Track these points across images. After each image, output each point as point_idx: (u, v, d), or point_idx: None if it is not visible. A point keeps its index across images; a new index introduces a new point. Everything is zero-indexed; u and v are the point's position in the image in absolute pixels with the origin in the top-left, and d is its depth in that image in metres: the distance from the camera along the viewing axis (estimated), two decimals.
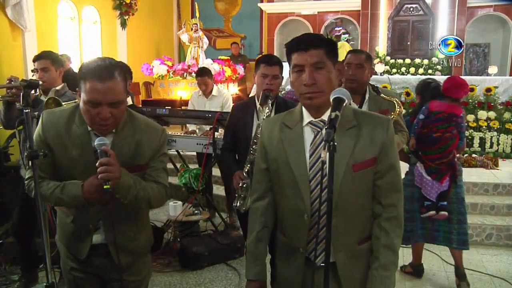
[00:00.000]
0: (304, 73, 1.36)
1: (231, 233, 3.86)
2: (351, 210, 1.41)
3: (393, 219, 1.43)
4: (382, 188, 1.42)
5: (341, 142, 1.35)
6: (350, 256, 1.43)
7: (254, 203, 1.59)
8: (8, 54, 6.10)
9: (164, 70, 7.93)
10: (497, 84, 5.97)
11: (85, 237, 1.66)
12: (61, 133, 1.58)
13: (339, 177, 1.35)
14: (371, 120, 1.42)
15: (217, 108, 4.42)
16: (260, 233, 1.55)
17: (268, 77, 2.40)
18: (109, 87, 1.45)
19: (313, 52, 1.35)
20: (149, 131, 1.66)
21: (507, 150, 5.72)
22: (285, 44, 1.49)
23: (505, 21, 9.64)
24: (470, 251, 3.87)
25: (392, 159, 1.42)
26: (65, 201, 1.58)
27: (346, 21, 10.26)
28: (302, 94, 1.38)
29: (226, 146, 2.65)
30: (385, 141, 1.40)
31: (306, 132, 1.43)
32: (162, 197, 1.69)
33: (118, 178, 1.47)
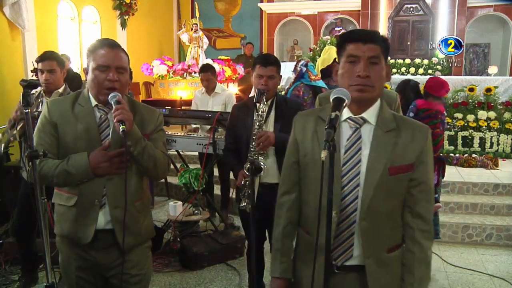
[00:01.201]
0: (358, 65, 1.33)
1: (231, 233, 3.86)
2: (382, 214, 1.37)
3: (426, 232, 1.40)
4: (416, 197, 1.39)
5: (380, 142, 1.35)
6: (379, 263, 1.39)
7: (281, 197, 1.55)
8: (8, 54, 6.10)
9: (164, 70, 7.93)
10: (497, 84, 5.97)
11: (90, 216, 1.67)
12: (66, 111, 1.69)
13: (374, 179, 1.34)
14: (411, 126, 1.40)
15: (220, 105, 4.41)
16: (286, 228, 1.53)
17: (263, 78, 2.41)
18: (117, 53, 1.66)
19: (371, 46, 1.33)
20: (148, 109, 1.83)
21: (507, 150, 5.72)
22: (340, 34, 1.46)
23: (505, 21, 9.65)
24: (470, 251, 3.89)
25: (428, 168, 1.40)
26: (71, 173, 1.61)
27: (346, 21, 10.26)
28: (352, 86, 1.34)
29: (228, 147, 2.66)
30: (424, 149, 1.37)
31: (343, 127, 1.40)
32: (165, 163, 1.80)
33: (132, 120, 1.59)
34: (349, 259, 1.39)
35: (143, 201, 1.81)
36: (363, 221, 1.35)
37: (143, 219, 1.80)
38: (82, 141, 1.66)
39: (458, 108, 5.91)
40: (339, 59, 1.42)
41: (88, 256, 1.72)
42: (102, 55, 1.62)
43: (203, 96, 4.54)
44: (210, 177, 4.52)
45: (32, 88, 1.74)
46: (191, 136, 4.25)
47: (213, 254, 3.54)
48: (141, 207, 1.79)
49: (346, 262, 1.39)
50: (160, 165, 1.74)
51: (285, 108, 2.50)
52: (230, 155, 2.63)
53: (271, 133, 2.39)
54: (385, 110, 1.40)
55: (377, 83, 1.34)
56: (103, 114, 1.70)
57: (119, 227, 1.67)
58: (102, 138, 1.68)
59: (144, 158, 1.66)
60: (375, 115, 1.38)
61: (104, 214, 1.68)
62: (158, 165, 1.72)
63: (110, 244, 1.71)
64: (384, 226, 1.38)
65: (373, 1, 9.69)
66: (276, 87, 2.50)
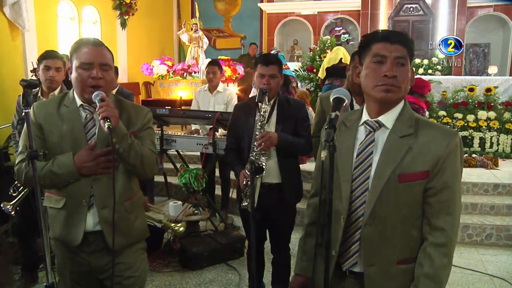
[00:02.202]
0: (384, 65, 1.30)
1: (231, 233, 3.86)
2: (390, 222, 1.31)
3: (441, 247, 1.29)
4: (433, 207, 1.31)
5: (391, 148, 1.32)
6: (384, 273, 1.33)
7: (310, 199, 1.61)
8: (8, 54, 6.10)
9: (164, 70, 7.93)
10: (497, 84, 5.97)
11: (79, 217, 1.66)
12: (52, 112, 1.68)
13: (380, 185, 1.30)
14: (431, 131, 1.32)
15: (221, 104, 4.40)
16: (308, 228, 1.56)
17: (265, 77, 2.41)
18: (100, 51, 1.65)
19: (398, 47, 1.30)
20: (135, 107, 1.82)
21: (507, 150, 5.72)
22: (365, 34, 1.43)
23: (505, 21, 9.65)
24: (470, 251, 3.89)
25: (449, 176, 1.30)
26: (57, 173, 1.61)
27: (346, 21, 10.26)
28: (378, 86, 1.30)
29: (230, 146, 2.66)
30: (443, 155, 1.28)
31: (360, 131, 1.39)
32: (153, 160, 1.77)
33: (117, 117, 1.57)
34: (355, 265, 1.37)
35: (133, 200, 1.79)
36: (366, 227, 1.32)
37: (134, 219, 1.77)
38: (67, 142, 1.65)
39: (458, 108, 5.91)
40: (362, 59, 1.38)
41: (81, 260, 1.72)
42: (85, 53, 1.61)
43: (205, 94, 4.52)
44: (211, 177, 4.51)
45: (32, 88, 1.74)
46: (191, 136, 4.25)
47: (213, 254, 3.53)
48: (131, 207, 1.76)
49: (352, 268, 1.38)
50: (148, 162, 1.71)
51: (287, 108, 2.50)
52: (232, 155, 2.63)
53: (274, 134, 2.38)
54: (407, 113, 1.35)
55: (403, 85, 1.31)
56: (88, 114, 1.69)
57: (107, 227, 1.65)
58: (88, 138, 1.67)
59: (131, 156, 1.64)
60: (393, 119, 1.34)
61: (93, 215, 1.67)
62: (145, 162, 1.69)
63: (101, 247, 1.70)
64: (392, 236, 1.32)
65: (373, 1, 9.69)
66: (278, 86, 2.50)
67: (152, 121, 1.84)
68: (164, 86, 8.03)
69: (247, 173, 2.38)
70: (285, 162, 2.48)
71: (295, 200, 2.60)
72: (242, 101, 2.89)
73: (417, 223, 1.33)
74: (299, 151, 2.53)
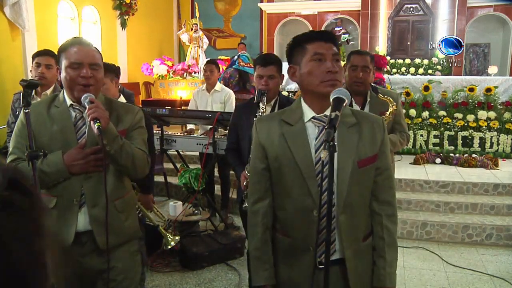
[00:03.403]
0: (324, 62, 1.39)
1: (231, 233, 3.86)
2: (356, 206, 1.44)
3: (392, 216, 1.49)
4: (380, 184, 1.48)
5: (345, 139, 1.40)
6: (356, 252, 1.45)
7: (254, 205, 1.53)
8: (8, 54, 6.11)
9: (164, 70, 7.94)
10: (497, 84, 5.96)
11: (70, 216, 1.65)
12: (42, 112, 1.68)
13: (346, 174, 1.39)
14: (368, 119, 1.49)
15: (219, 103, 4.41)
16: (264, 235, 1.52)
17: (263, 78, 2.41)
18: (89, 50, 1.65)
19: (331, 45, 1.42)
20: (126, 106, 1.83)
21: (507, 150, 5.71)
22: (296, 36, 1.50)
23: (505, 21, 9.64)
24: (470, 251, 3.89)
25: (388, 156, 1.50)
26: (46, 172, 1.60)
27: (346, 21, 10.26)
28: (324, 82, 1.39)
29: (230, 146, 2.65)
30: (383, 139, 1.47)
31: (309, 128, 1.44)
32: (144, 160, 1.76)
33: (107, 118, 1.57)
34: (332, 254, 1.41)
35: (124, 199, 1.77)
36: (341, 215, 1.40)
37: (125, 218, 1.76)
38: (57, 142, 1.65)
39: (458, 108, 5.90)
40: (295, 59, 1.46)
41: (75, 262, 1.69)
42: (74, 53, 1.61)
43: (203, 94, 4.54)
44: (211, 177, 4.52)
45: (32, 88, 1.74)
46: (191, 136, 4.25)
47: (213, 254, 3.53)
48: (122, 206, 1.75)
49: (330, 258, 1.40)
50: (139, 163, 1.71)
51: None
52: (232, 155, 2.63)
53: None
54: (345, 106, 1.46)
55: (341, 79, 1.42)
56: (78, 113, 1.69)
57: (97, 227, 1.64)
58: (78, 137, 1.67)
59: (122, 156, 1.63)
60: None
61: (84, 214, 1.66)
62: (136, 163, 1.69)
63: (93, 249, 1.69)
64: (359, 217, 1.46)
65: (373, 1, 9.68)
66: (278, 86, 2.49)
67: (143, 121, 1.83)
68: (164, 86, 8.04)
69: (247, 174, 2.38)
70: None
71: None
72: (243, 102, 2.90)
73: (368, 201, 1.50)
74: None
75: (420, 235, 4.14)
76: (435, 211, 4.37)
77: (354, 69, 2.57)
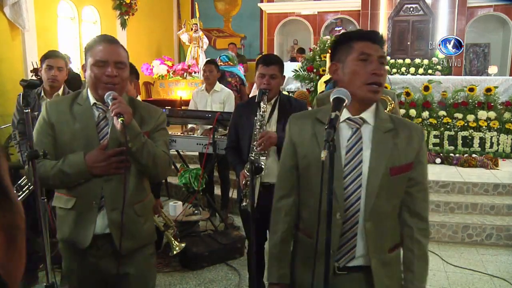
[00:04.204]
0: (370, 63, 1.33)
1: (231, 233, 3.86)
2: (384, 214, 1.38)
3: (424, 230, 1.43)
4: (414, 196, 1.41)
5: (381, 143, 1.36)
6: (382, 263, 1.39)
7: (279, 201, 1.52)
8: (8, 54, 6.10)
9: (164, 70, 7.95)
10: (497, 84, 5.97)
11: (89, 219, 1.62)
12: (64, 110, 1.65)
13: (377, 179, 1.34)
14: (407, 126, 1.42)
15: (218, 103, 4.41)
16: (284, 233, 1.50)
17: (265, 77, 2.42)
18: (115, 48, 1.62)
19: (379, 47, 1.36)
20: (149, 108, 1.78)
21: (507, 150, 5.71)
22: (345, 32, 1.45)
23: (505, 21, 9.65)
24: (470, 251, 3.89)
25: (425, 167, 1.42)
26: (67, 173, 1.57)
27: (346, 21, 10.26)
28: (366, 85, 1.33)
29: (230, 145, 2.66)
30: (420, 148, 1.40)
31: (343, 128, 1.39)
32: (166, 161, 1.72)
33: (130, 113, 1.54)
34: (352, 260, 1.38)
35: (144, 203, 1.75)
36: (367, 222, 1.34)
37: (143, 222, 1.73)
38: (79, 141, 1.61)
39: (458, 108, 5.90)
40: (339, 56, 1.39)
41: (89, 264, 1.68)
42: (99, 51, 1.58)
43: (202, 94, 4.55)
44: (210, 177, 4.52)
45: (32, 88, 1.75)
46: (191, 136, 4.25)
47: (213, 254, 3.54)
48: (142, 210, 1.72)
49: (348, 263, 1.39)
50: (161, 163, 1.66)
51: (289, 108, 2.50)
52: (232, 154, 2.63)
53: (273, 133, 2.39)
54: (381, 111, 1.42)
55: (384, 84, 1.36)
56: (101, 113, 1.65)
57: (116, 230, 1.61)
58: (100, 137, 1.63)
59: (144, 155, 1.59)
60: (373, 116, 1.39)
61: (103, 217, 1.63)
62: (158, 163, 1.65)
63: (110, 252, 1.66)
64: (386, 227, 1.39)
65: (373, 1, 9.68)
66: (279, 86, 2.50)
67: (165, 123, 1.80)
68: (164, 86, 8.04)
69: (246, 173, 2.39)
70: None
71: None
72: (244, 101, 2.90)
73: (398, 211, 1.44)
74: None
75: None
76: (435, 211, 4.37)
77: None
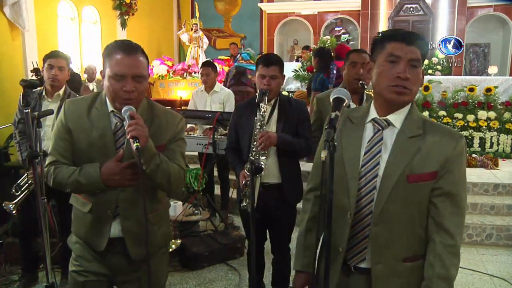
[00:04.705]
0: (398, 65, 1.29)
1: (231, 233, 3.86)
2: (398, 222, 1.32)
3: (450, 247, 1.30)
4: (439, 207, 1.31)
5: (401, 148, 1.32)
6: (391, 271, 1.35)
7: (308, 193, 1.57)
8: (8, 54, 6.10)
9: (164, 70, 7.94)
10: (497, 84, 5.97)
11: (104, 225, 1.63)
12: (82, 116, 1.61)
13: (390, 185, 1.31)
14: (439, 132, 1.34)
15: (218, 104, 4.40)
16: (309, 223, 1.53)
17: (265, 78, 2.41)
18: (134, 61, 1.52)
19: (413, 49, 1.30)
20: (167, 115, 1.70)
21: (507, 150, 5.72)
22: (381, 32, 1.41)
23: (505, 21, 9.65)
24: (470, 251, 3.89)
25: (456, 178, 1.32)
26: (82, 184, 1.56)
27: (346, 21, 10.26)
28: (390, 86, 1.30)
29: (230, 145, 2.66)
30: (451, 157, 1.30)
31: (368, 128, 1.38)
32: (181, 177, 1.68)
33: (146, 137, 1.47)
34: (362, 262, 1.38)
35: (159, 212, 1.74)
36: (375, 226, 1.33)
37: (157, 229, 1.73)
38: (96, 149, 1.59)
39: (458, 108, 5.91)
40: (374, 56, 1.37)
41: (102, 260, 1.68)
42: (117, 63, 1.51)
43: (202, 94, 4.53)
44: (210, 177, 4.51)
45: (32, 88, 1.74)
46: (191, 136, 4.25)
47: (213, 254, 3.53)
48: (156, 219, 1.72)
49: (359, 264, 1.39)
50: (175, 181, 1.64)
51: (288, 108, 2.50)
52: (232, 154, 2.63)
53: (273, 133, 2.38)
54: (415, 115, 1.36)
55: (414, 87, 1.31)
56: (118, 121, 1.61)
57: (129, 238, 1.63)
58: (118, 146, 1.60)
59: (158, 176, 1.57)
60: (401, 119, 1.35)
61: (117, 224, 1.64)
62: (172, 181, 1.62)
63: (123, 254, 1.67)
64: (400, 234, 1.33)
65: (373, 1, 9.69)
66: (279, 87, 2.50)
67: (184, 130, 1.75)
68: (164, 86, 8.04)
69: (246, 173, 2.38)
70: (285, 162, 2.48)
71: (296, 200, 2.60)
72: (244, 101, 2.90)
73: (423, 222, 1.34)
74: (299, 151, 2.53)
75: None
76: None
77: (354, 65, 2.60)
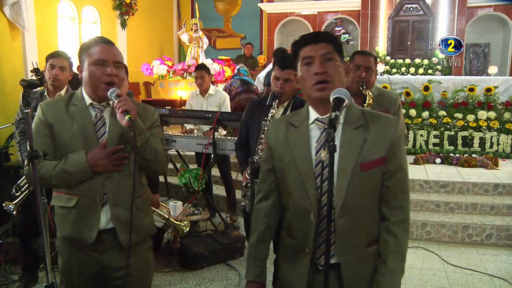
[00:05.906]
0: (313, 64, 1.36)
1: (231, 233, 3.86)
2: (358, 210, 1.38)
3: (401, 223, 1.41)
4: (391, 189, 1.40)
5: (349, 140, 1.37)
6: (357, 258, 1.40)
7: (258, 203, 1.57)
8: (8, 54, 6.10)
9: (164, 70, 7.93)
10: (497, 84, 5.97)
11: (93, 215, 1.66)
12: (61, 111, 1.68)
13: (347, 176, 1.35)
14: (379, 120, 1.41)
15: (214, 107, 4.41)
16: (262, 234, 1.54)
17: (279, 80, 2.41)
18: (113, 49, 1.67)
19: (323, 45, 1.37)
20: (143, 107, 1.82)
21: (507, 150, 5.71)
22: (292, 43, 1.48)
23: (505, 21, 9.64)
24: (470, 251, 3.89)
25: (400, 159, 1.41)
26: (69, 172, 1.61)
27: (346, 21, 10.26)
28: (312, 86, 1.37)
29: (240, 142, 2.66)
30: (394, 140, 1.38)
31: (312, 130, 1.42)
32: (165, 157, 1.79)
33: (136, 110, 1.61)
34: (332, 257, 1.40)
35: (143, 198, 1.81)
36: (340, 218, 1.36)
37: (143, 216, 1.79)
38: (78, 141, 1.65)
39: (458, 108, 5.91)
40: (296, 67, 1.45)
41: (92, 260, 1.70)
42: (99, 51, 1.62)
43: (197, 98, 4.55)
44: (208, 177, 4.51)
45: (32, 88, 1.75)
46: (191, 136, 4.25)
47: (213, 254, 3.54)
48: (142, 205, 1.78)
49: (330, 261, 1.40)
50: (161, 158, 1.75)
51: None
52: (240, 151, 2.64)
53: None
54: (353, 107, 1.42)
55: (335, 78, 1.36)
56: (98, 113, 1.69)
57: (119, 225, 1.67)
58: (99, 136, 1.68)
59: (147, 150, 1.66)
60: (342, 113, 1.38)
61: (105, 213, 1.68)
62: (159, 158, 1.72)
63: (113, 246, 1.70)
64: (361, 222, 1.40)
65: (373, 1, 9.68)
66: (293, 89, 2.49)
67: (159, 120, 1.86)
68: (164, 86, 8.03)
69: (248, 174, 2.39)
70: None
71: None
72: (258, 98, 2.89)
73: (377, 206, 1.43)
74: None
75: (420, 235, 4.14)
76: (435, 211, 4.37)
77: (357, 68, 2.60)
